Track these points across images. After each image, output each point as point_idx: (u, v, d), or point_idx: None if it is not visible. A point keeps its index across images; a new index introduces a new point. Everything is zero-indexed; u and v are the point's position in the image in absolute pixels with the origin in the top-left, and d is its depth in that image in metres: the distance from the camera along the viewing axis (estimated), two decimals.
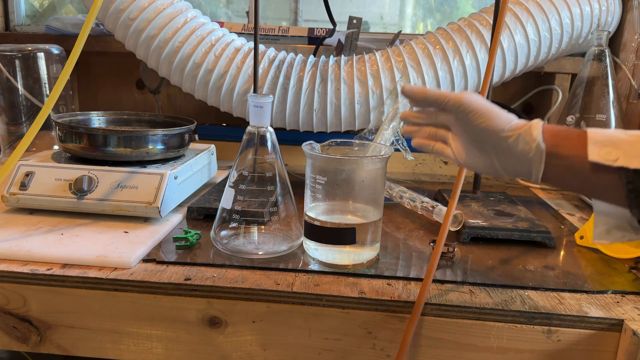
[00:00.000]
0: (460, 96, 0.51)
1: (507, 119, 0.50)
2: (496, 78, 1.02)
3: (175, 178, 0.76)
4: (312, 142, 0.64)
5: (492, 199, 0.88)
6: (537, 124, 0.48)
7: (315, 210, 0.64)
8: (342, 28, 1.18)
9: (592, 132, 0.46)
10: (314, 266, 0.63)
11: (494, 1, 0.83)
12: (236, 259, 0.64)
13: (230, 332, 0.58)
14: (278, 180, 0.66)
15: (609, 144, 0.45)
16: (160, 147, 0.79)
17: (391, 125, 0.91)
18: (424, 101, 0.54)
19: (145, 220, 0.74)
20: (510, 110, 0.52)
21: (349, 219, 0.64)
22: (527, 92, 1.26)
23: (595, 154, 0.44)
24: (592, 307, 0.56)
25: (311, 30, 1.20)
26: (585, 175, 0.45)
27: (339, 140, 0.69)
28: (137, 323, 0.59)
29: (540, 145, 0.47)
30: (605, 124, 1.02)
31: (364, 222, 0.63)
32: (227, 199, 0.66)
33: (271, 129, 0.66)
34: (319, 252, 0.64)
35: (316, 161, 0.63)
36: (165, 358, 0.60)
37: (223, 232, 0.67)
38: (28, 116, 1.04)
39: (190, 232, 0.69)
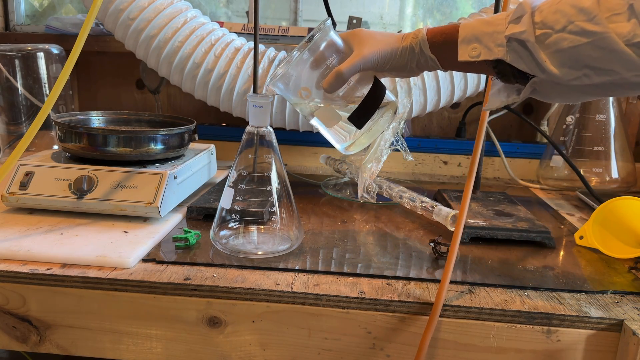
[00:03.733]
0: (362, 54, 0.59)
1: (401, 50, 0.60)
2: None
3: (175, 178, 0.76)
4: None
5: (491, 199, 0.88)
6: (425, 42, 0.59)
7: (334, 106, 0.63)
8: (342, 28, 1.18)
9: (461, 29, 0.55)
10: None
11: (493, 1, 0.83)
12: (236, 258, 0.64)
13: (230, 332, 0.58)
14: (277, 180, 0.66)
15: (475, 39, 0.54)
16: (160, 147, 0.79)
17: (391, 126, 0.90)
18: (345, 79, 0.60)
19: (145, 220, 0.74)
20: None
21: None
22: None
23: (464, 55, 0.55)
24: (592, 307, 0.56)
25: (311, 30, 1.20)
26: (464, 63, 0.56)
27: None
28: (137, 323, 0.59)
29: (431, 56, 0.59)
30: (605, 124, 1.02)
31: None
32: (226, 199, 0.66)
33: (270, 129, 0.66)
34: (370, 133, 0.64)
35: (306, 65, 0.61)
36: (165, 358, 0.60)
37: (223, 232, 0.67)
38: (28, 116, 1.04)
39: (189, 232, 0.69)
